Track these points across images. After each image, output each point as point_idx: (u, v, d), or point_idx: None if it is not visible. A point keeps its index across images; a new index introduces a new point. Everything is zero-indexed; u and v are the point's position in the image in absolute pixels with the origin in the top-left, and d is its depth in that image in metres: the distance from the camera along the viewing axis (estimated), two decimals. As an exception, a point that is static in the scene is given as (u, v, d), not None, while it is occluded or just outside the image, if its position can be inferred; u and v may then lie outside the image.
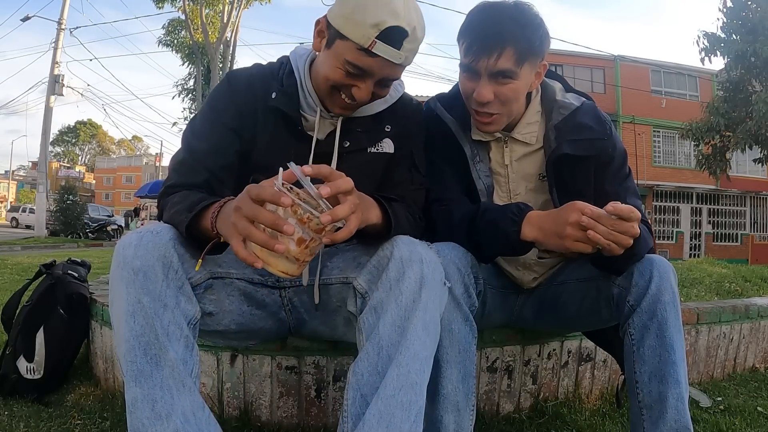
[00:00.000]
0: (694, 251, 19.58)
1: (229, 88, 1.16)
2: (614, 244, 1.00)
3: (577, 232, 1.01)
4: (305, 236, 0.81)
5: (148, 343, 0.85)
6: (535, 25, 1.14)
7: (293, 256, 0.82)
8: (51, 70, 15.84)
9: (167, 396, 0.84)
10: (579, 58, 19.12)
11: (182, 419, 0.83)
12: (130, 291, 0.88)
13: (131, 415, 0.84)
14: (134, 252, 0.90)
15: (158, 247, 0.91)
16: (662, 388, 1.10)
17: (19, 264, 5.27)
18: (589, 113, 1.27)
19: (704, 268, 3.34)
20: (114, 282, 0.91)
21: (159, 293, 0.89)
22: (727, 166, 14.14)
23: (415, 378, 0.89)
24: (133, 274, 0.88)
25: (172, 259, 0.92)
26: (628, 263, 1.14)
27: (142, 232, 0.94)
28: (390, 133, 1.20)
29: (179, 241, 0.95)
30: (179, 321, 0.90)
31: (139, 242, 0.91)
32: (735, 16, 12.48)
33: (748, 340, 2.23)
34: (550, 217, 1.07)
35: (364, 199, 0.97)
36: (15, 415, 1.55)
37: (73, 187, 21.88)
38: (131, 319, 0.86)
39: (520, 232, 1.10)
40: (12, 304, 1.81)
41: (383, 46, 1.00)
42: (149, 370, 0.84)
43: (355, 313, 1.00)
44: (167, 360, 0.85)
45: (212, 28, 18.97)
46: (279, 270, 0.83)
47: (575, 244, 1.02)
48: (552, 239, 1.07)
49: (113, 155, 65.81)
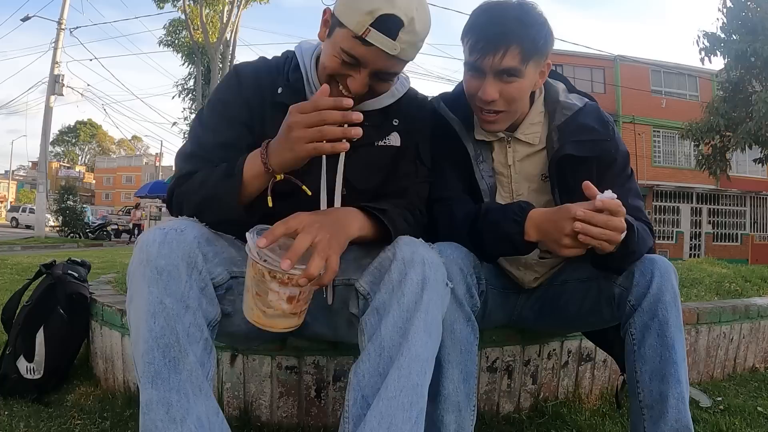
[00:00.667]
0: (694, 251, 19.58)
1: (238, 81, 1.14)
2: (605, 242, 1.01)
3: (573, 242, 1.03)
4: (292, 293, 0.87)
5: (167, 345, 0.84)
6: (539, 24, 1.14)
7: (290, 313, 0.89)
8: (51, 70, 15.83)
9: (183, 400, 0.83)
10: (579, 58, 19.11)
11: (197, 424, 0.83)
12: (152, 290, 0.86)
13: (144, 417, 0.83)
14: (158, 250, 0.88)
15: (183, 245, 0.90)
16: (663, 388, 1.10)
17: (19, 264, 5.27)
18: (592, 114, 1.27)
19: (704, 268, 3.33)
20: (135, 280, 0.89)
21: (182, 294, 0.87)
22: (727, 166, 14.14)
23: (416, 379, 0.89)
24: (156, 273, 0.86)
25: (196, 259, 0.91)
26: (626, 262, 1.14)
27: (165, 229, 0.92)
28: (397, 127, 1.20)
29: (204, 240, 0.95)
30: (200, 323, 0.89)
31: (164, 240, 0.89)
32: (735, 16, 12.48)
33: (748, 340, 2.23)
34: (549, 222, 1.08)
35: (338, 220, 0.97)
36: (15, 415, 1.55)
37: (73, 187, 21.87)
38: (152, 320, 0.85)
39: (524, 233, 1.10)
40: (12, 304, 1.81)
41: (377, 35, 0.99)
42: (166, 373, 0.83)
43: (357, 315, 1.00)
44: (186, 363, 0.84)
45: (212, 28, 18.97)
46: (282, 328, 0.91)
47: (570, 251, 1.04)
48: (550, 244, 1.09)
49: (113, 155, 65.81)
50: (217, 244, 1.00)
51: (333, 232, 0.92)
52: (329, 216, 0.98)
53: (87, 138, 67.69)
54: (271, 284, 0.86)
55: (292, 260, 0.84)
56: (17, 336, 1.74)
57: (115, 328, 1.73)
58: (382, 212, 1.04)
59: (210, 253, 0.95)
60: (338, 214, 1.01)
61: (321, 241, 0.89)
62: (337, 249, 0.91)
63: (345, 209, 1.04)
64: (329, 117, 0.87)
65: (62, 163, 59.86)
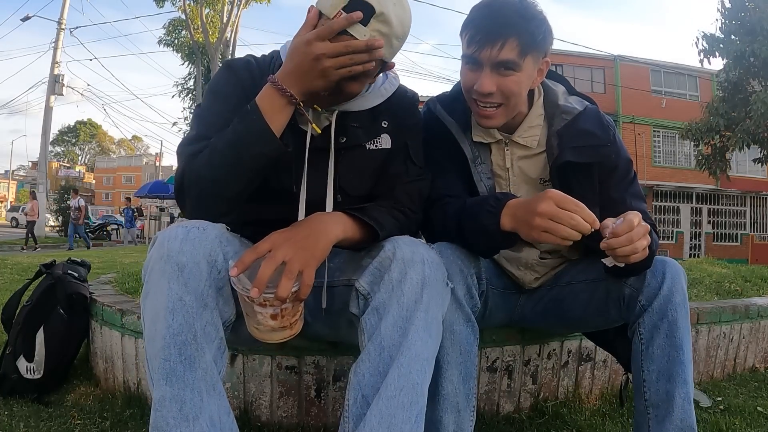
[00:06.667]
0: (694, 251, 19.59)
1: (233, 74, 1.13)
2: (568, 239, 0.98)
3: (544, 222, 0.98)
4: (275, 312, 0.90)
5: (184, 343, 0.84)
6: (538, 20, 1.13)
7: (279, 327, 0.93)
8: (51, 70, 15.85)
9: (197, 398, 0.83)
10: (579, 58, 19.12)
11: (209, 423, 0.82)
12: (172, 287, 0.85)
13: (156, 413, 0.82)
14: (180, 246, 0.87)
15: (205, 243, 0.90)
16: (670, 388, 1.11)
17: (19, 264, 5.26)
18: (592, 118, 1.25)
19: (704, 268, 3.33)
20: (154, 275, 0.88)
21: (201, 292, 0.87)
22: (727, 166, 14.14)
23: (416, 378, 0.89)
24: (177, 269, 0.86)
25: (217, 258, 0.91)
26: (641, 267, 1.13)
27: (188, 226, 0.92)
28: (387, 128, 1.19)
29: (225, 240, 0.95)
30: (216, 322, 0.89)
31: (186, 236, 0.89)
32: (733, 17, 12.49)
33: (748, 340, 2.23)
34: (524, 204, 1.04)
35: (313, 230, 0.96)
36: (15, 415, 1.55)
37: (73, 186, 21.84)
38: (170, 316, 0.84)
39: (500, 223, 1.07)
40: (12, 304, 1.81)
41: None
42: (182, 371, 0.83)
43: (358, 315, 1.00)
44: (201, 362, 0.84)
45: (212, 28, 18.98)
46: (278, 340, 0.94)
47: (543, 235, 0.99)
48: (523, 228, 1.03)
49: (113, 155, 65.83)
50: (234, 245, 1.00)
51: (305, 245, 0.92)
52: (302, 229, 0.96)
53: (87, 138, 67.67)
54: (254, 306, 0.89)
55: (259, 289, 0.85)
56: (17, 336, 1.74)
57: (115, 328, 1.73)
58: (359, 210, 1.04)
59: (230, 252, 0.95)
60: (314, 223, 0.99)
61: (291, 260, 0.88)
62: (312, 262, 0.91)
63: (325, 214, 1.03)
64: (358, 58, 0.94)
65: (62, 163, 59.81)
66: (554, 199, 0.98)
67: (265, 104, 0.97)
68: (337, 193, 1.12)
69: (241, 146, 0.97)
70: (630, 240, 0.99)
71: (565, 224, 0.96)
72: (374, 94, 1.15)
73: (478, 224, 1.09)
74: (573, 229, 0.97)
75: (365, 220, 1.03)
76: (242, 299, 0.91)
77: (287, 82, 0.96)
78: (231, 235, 1.01)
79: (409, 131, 1.22)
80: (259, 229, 1.03)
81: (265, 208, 1.12)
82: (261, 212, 1.11)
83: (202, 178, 0.99)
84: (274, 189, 1.11)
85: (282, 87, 0.96)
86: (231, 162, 0.97)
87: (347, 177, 1.14)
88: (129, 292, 2.09)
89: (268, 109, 0.96)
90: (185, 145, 1.05)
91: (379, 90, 1.17)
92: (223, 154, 0.97)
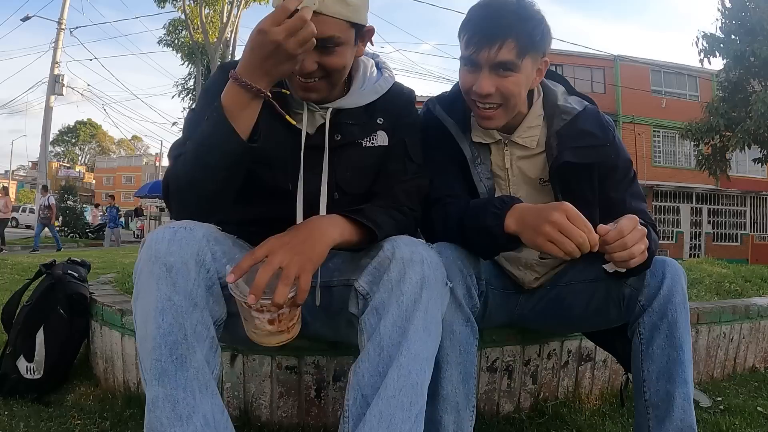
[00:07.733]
0: (694, 251, 19.58)
1: (226, 76, 1.14)
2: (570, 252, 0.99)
3: (554, 232, 0.98)
4: (272, 317, 0.90)
5: (175, 343, 0.84)
6: (537, 20, 1.14)
7: (276, 332, 0.93)
8: (51, 70, 15.85)
9: (189, 398, 0.83)
10: (579, 58, 19.10)
11: (202, 422, 0.83)
12: (161, 287, 0.86)
13: (150, 414, 0.83)
14: (168, 247, 0.88)
15: (192, 243, 0.90)
16: (670, 387, 1.11)
17: (19, 264, 5.26)
18: (591, 119, 1.25)
19: (704, 268, 3.33)
20: (143, 277, 0.88)
21: (190, 291, 0.87)
22: (727, 166, 14.15)
23: (416, 378, 0.89)
24: (165, 270, 0.86)
25: (205, 257, 0.91)
26: (640, 270, 1.14)
27: (175, 227, 0.92)
28: (383, 125, 1.18)
29: (212, 239, 0.95)
30: (207, 321, 0.89)
31: (173, 237, 0.89)
32: (734, 17, 12.50)
33: (748, 340, 2.23)
34: (534, 210, 1.04)
35: (310, 234, 0.95)
36: (15, 415, 1.55)
37: (73, 187, 21.85)
38: (160, 317, 0.84)
39: (504, 225, 1.06)
40: (12, 304, 1.81)
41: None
42: (173, 370, 0.83)
43: (357, 315, 1.00)
44: (193, 361, 0.84)
45: (212, 28, 18.98)
46: (276, 343, 0.94)
47: (547, 244, 0.99)
48: (528, 232, 1.03)
49: (113, 155, 65.82)
50: (224, 244, 1.00)
51: (302, 250, 0.91)
52: (300, 233, 0.95)
53: (87, 138, 67.64)
54: (251, 311, 0.90)
55: (256, 296, 0.85)
56: (17, 336, 1.74)
57: (115, 328, 1.73)
58: (357, 212, 1.03)
59: (218, 252, 0.95)
60: (310, 227, 0.98)
61: (288, 266, 0.88)
62: (309, 267, 0.90)
63: (323, 217, 1.03)
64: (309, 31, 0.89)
65: (62, 163, 59.81)
66: (567, 213, 0.99)
67: (228, 102, 0.95)
68: (334, 191, 1.12)
69: (207, 146, 0.96)
70: (624, 246, 1.01)
71: (573, 239, 0.97)
72: (369, 91, 1.15)
73: (482, 224, 1.09)
74: (577, 247, 0.97)
75: (363, 222, 1.03)
76: (240, 304, 0.91)
77: (252, 77, 0.93)
78: (221, 234, 1.01)
79: (406, 128, 1.21)
80: (258, 229, 1.03)
81: (263, 207, 1.12)
82: (259, 212, 1.11)
83: (180, 180, 1.00)
84: (271, 188, 1.11)
85: (246, 83, 0.93)
86: (202, 163, 0.97)
87: (344, 174, 1.14)
88: (129, 292, 2.08)
89: (232, 106, 0.95)
90: (173, 148, 1.06)
91: (374, 87, 1.17)
92: (195, 155, 0.97)
